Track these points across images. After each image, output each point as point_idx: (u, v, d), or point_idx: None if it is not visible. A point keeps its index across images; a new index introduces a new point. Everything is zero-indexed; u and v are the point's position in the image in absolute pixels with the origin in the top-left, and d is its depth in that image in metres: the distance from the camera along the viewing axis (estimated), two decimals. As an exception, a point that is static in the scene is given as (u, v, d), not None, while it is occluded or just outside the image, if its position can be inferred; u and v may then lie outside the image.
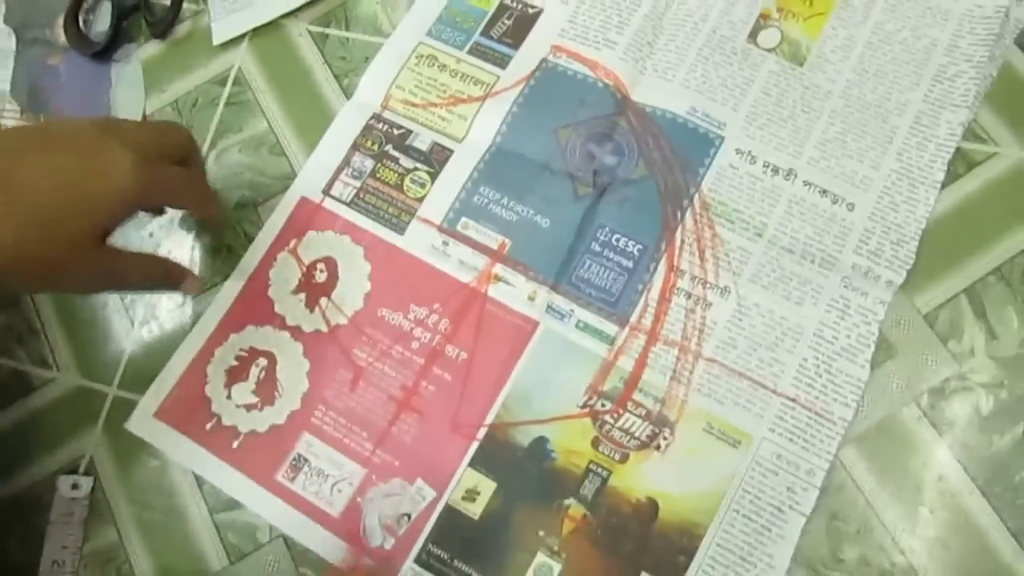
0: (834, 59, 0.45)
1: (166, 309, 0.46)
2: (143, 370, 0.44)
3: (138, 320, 0.46)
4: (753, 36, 0.46)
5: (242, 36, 0.51)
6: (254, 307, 0.44)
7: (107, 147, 0.37)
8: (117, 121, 0.40)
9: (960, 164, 0.43)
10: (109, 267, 0.39)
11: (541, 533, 0.39)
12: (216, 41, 0.51)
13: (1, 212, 0.34)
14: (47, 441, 0.45)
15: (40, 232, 0.35)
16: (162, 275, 0.43)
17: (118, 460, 0.44)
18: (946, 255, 0.42)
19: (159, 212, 0.47)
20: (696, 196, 0.43)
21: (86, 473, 0.44)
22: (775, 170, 0.43)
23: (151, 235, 0.48)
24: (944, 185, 0.43)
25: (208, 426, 0.42)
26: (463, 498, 0.40)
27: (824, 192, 0.43)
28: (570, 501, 0.39)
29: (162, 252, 0.47)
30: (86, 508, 0.43)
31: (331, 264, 0.44)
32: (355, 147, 0.47)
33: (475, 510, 0.40)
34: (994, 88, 0.44)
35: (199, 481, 0.43)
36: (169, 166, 0.40)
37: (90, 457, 0.44)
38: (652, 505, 0.39)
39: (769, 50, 0.46)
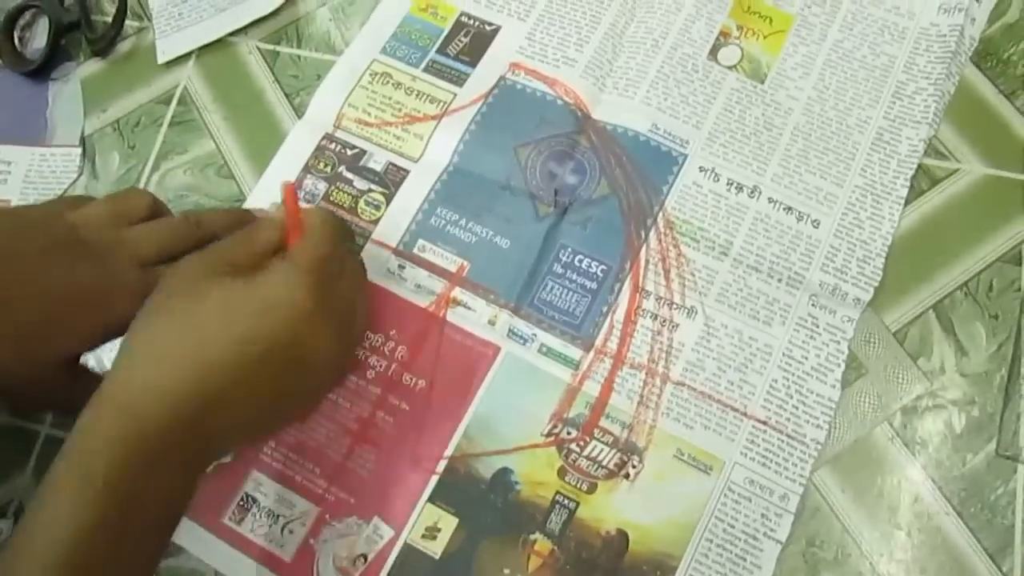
0: (794, 76, 0.46)
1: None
2: (79, 407, 0.42)
3: (74, 353, 0.44)
4: (714, 53, 0.46)
5: (188, 54, 0.50)
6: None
7: (111, 273, 0.35)
8: (128, 229, 0.37)
9: (923, 180, 0.43)
10: (76, 393, 0.35)
11: (507, 571, 0.38)
12: (161, 60, 0.50)
13: None
14: (-27, 488, 0.42)
15: (14, 349, 0.33)
16: None
17: (50, 504, 0.41)
18: (913, 271, 0.42)
19: None
20: (660, 215, 0.43)
21: (15, 519, 0.41)
22: (739, 188, 0.43)
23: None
24: (908, 201, 0.43)
25: (148, 466, 0.40)
26: (423, 536, 0.38)
27: (789, 209, 0.43)
28: (536, 535, 0.38)
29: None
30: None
31: (281, 290, 0.43)
32: (307, 169, 0.46)
33: (436, 548, 0.38)
34: (953, 105, 0.45)
35: (139, 525, 0.40)
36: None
37: (19, 502, 0.41)
38: (622, 537, 0.38)
39: (730, 67, 0.46)
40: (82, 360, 0.37)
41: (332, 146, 0.46)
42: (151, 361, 0.31)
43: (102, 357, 0.42)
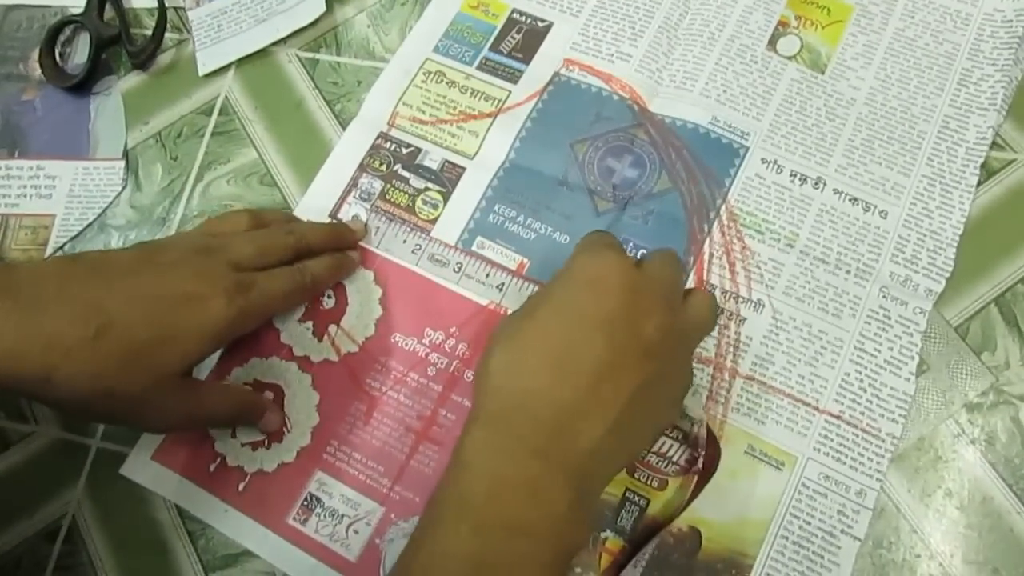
0: (855, 66, 0.51)
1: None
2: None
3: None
4: (772, 44, 0.52)
5: (228, 64, 0.56)
6: (258, 338, 0.47)
7: (205, 275, 0.40)
8: (220, 238, 0.43)
9: (979, 172, 0.47)
10: (190, 405, 0.41)
11: (578, 569, 0.42)
12: (202, 72, 0.56)
13: (85, 343, 0.36)
14: (26, 501, 0.47)
15: (122, 368, 0.37)
16: (241, 411, 0.44)
17: (103, 517, 0.46)
18: (972, 265, 0.46)
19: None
20: (723, 207, 0.48)
21: (68, 533, 0.46)
22: (803, 179, 0.48)
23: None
24: (967, 192, 0.47)
25: (212, 467, 0.45)
26: (491, 535, 0.43)
27: (855, 200, 0.47)
28: (607, 533, 0.42)
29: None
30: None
31: (339, 289, 0.48)
32: (362, 168, 0.51)
33: (504, 547, 0.42)
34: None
35: (192, 537, 0.45)
36: (265, 281, 0.42)
37: (72, 516, 0.46)
38: (695, 534, 0.42)
39: (789, 58, 0.51)
40: None
41: (387, 144, 0.52)
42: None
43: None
